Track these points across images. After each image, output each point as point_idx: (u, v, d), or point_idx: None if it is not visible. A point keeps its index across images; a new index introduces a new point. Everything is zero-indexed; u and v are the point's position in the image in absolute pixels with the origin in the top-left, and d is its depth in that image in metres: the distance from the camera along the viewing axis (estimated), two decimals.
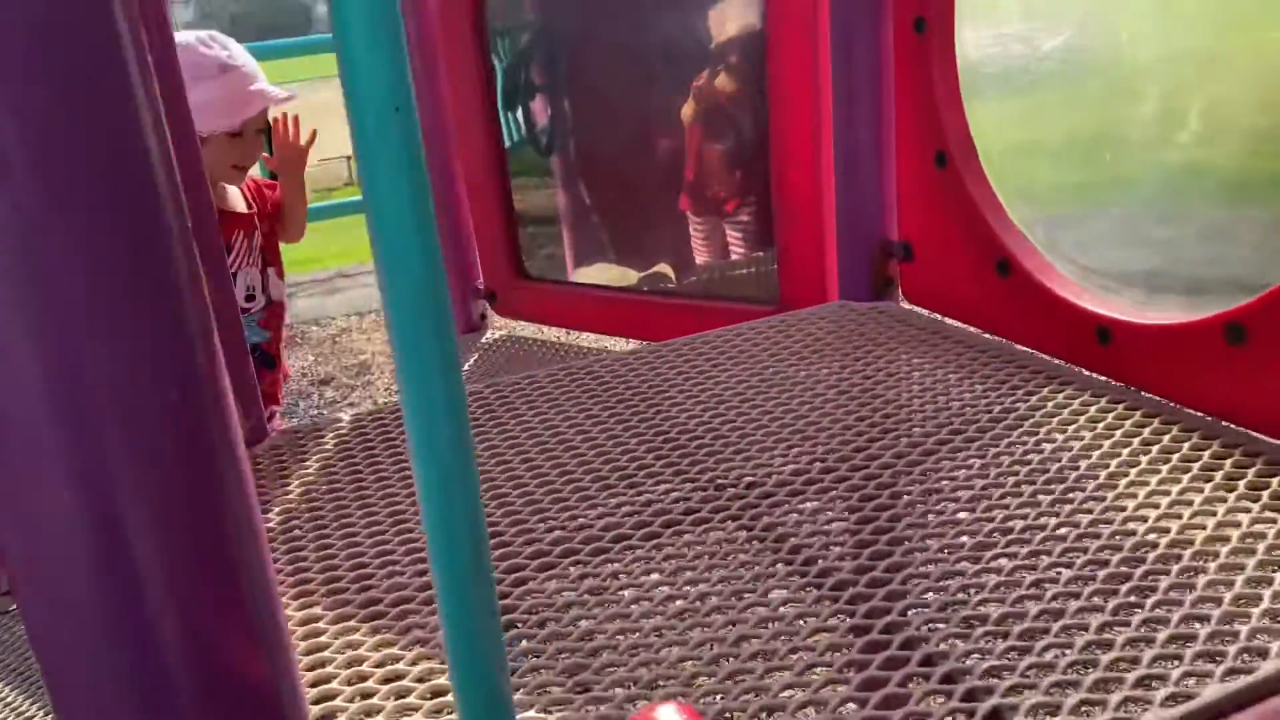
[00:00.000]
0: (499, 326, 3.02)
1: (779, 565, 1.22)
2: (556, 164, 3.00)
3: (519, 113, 2.99)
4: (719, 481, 1.42)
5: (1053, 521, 1.23)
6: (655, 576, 1.20)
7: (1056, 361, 1.66)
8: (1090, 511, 1.24)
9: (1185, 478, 1.30)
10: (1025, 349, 1.73)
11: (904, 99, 1.85)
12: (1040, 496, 1.28)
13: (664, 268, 2.79)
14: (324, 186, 13.52)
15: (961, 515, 1.27)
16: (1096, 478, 1.32)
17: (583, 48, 2.87)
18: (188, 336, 0.61)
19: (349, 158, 13.77)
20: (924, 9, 1.74)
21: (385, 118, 0.50)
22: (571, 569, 1.25)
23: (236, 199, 2.39)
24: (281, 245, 2.56)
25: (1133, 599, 1.07)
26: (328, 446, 1.66)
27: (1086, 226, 1.81)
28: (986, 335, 1.82)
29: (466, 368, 2.76)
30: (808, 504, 1.34)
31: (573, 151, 2.95)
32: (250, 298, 2.36)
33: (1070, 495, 1.28)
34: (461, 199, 2.84)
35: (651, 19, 2.67)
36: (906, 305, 2.05)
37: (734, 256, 2.64)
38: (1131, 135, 1.71)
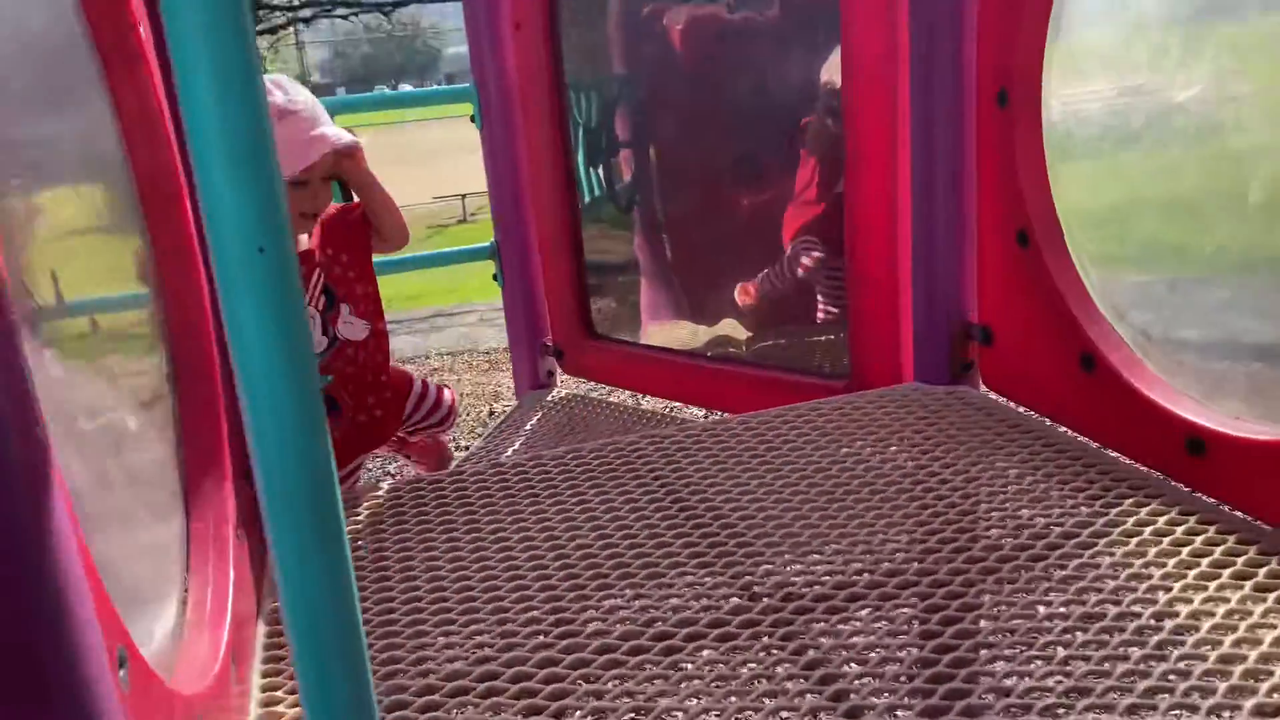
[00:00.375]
0: (566, 384, 2.96)
1: (818, 710, 1.10)
2: (636, 219, 2.94)
3: (600, 169, 2.95)
4: (755, 587, 1.31)
5: (1136, 653, 1.09)
6: (665, 702, 1.10)
7: (1144, 469, 1.50)
8: (1179, 645, 1.09)
9: None
10: (1110, 453, 1.57)
11: (986, 173, 1.72)
12: (1123, 625, 1.13)
13: (733, 326, 2.70)
14: (437, 223, 13.87)
15: (1044, 645, 1.13)
16: (1183, 609, 1.16)
17: (668, 105, 2.81)
18: None
19: (463, 196, 14.10)
20: (1007, 81, 1.62)
21: (248, 260, 0.43)
22: (580, 683, 1.15)
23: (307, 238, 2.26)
24: (380, 290, 2.31)
25: None
26: (360, 520, 1.60)
27: (1190, 296, 1.64)
28: (1069, 434, 1.66)
29: (529, 426, 2.70)
30: (858, 621, 1.22)
31: (653, 207, 2.89)
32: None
33: (1158, 625, 1.13)
34: (533, 255, 2.80)
35: (742, 77, 2.60)
36: (985, 392, 1.90)
37: (821, 307, 2.52)
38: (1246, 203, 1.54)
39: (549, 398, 2.86)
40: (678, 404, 3.09)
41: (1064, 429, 1.68)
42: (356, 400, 2.22)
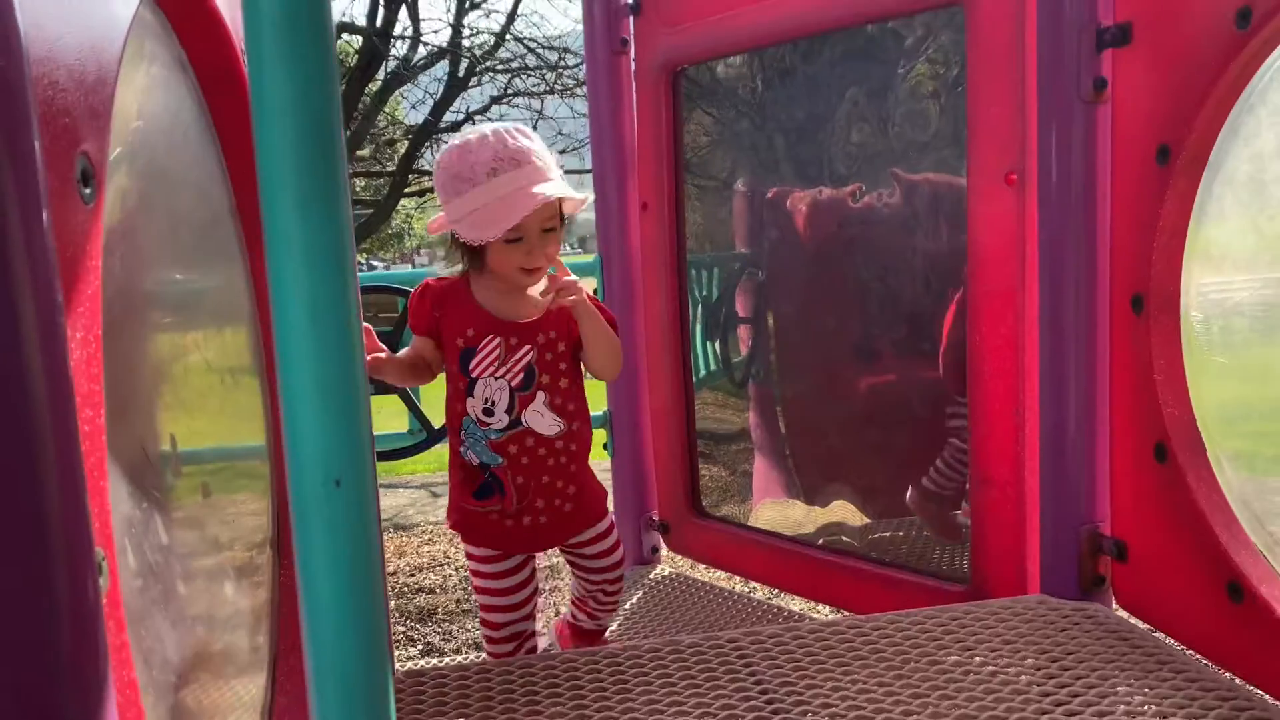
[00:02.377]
0: (671, 562, 2.88)
1: None
2: (752, 393, 2.92)
3: (717, 343, 2.95)
4: None
5: None
6: None
7: None
8: None
9: None
10: (1259, 693, 1.41)
11: (1120, 382, 1.64)
12: None
13: (846, 510, 2.60)
14: None
15: None
16: None
17: (788, 284, 2.82)
18: None
19: None
20: (1144, 288, 1.56)
21: (323, 491, 0.41)
22: None
23: (519, 303, 1.97)
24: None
25: None
26: (448, 700, 1.55)
27: None
28: (1212, 667, 1.51)
29: (630, 604, 2.62)
30: None
31: (769, 383, 2.86)
32: (488, 411, 1.94)
33: None
34: (645, 427, 2.79)
35: (863, 261, 2.60)
36: (1119, 611, 1.75)
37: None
38: None
39: (652, 575, 2.79)
40: (786, 597, 2.96)
41: (1206, 662, 1.53)
42: (522, 495, 1.97)
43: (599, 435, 2.97)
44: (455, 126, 12.30)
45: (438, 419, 3.02)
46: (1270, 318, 1.56)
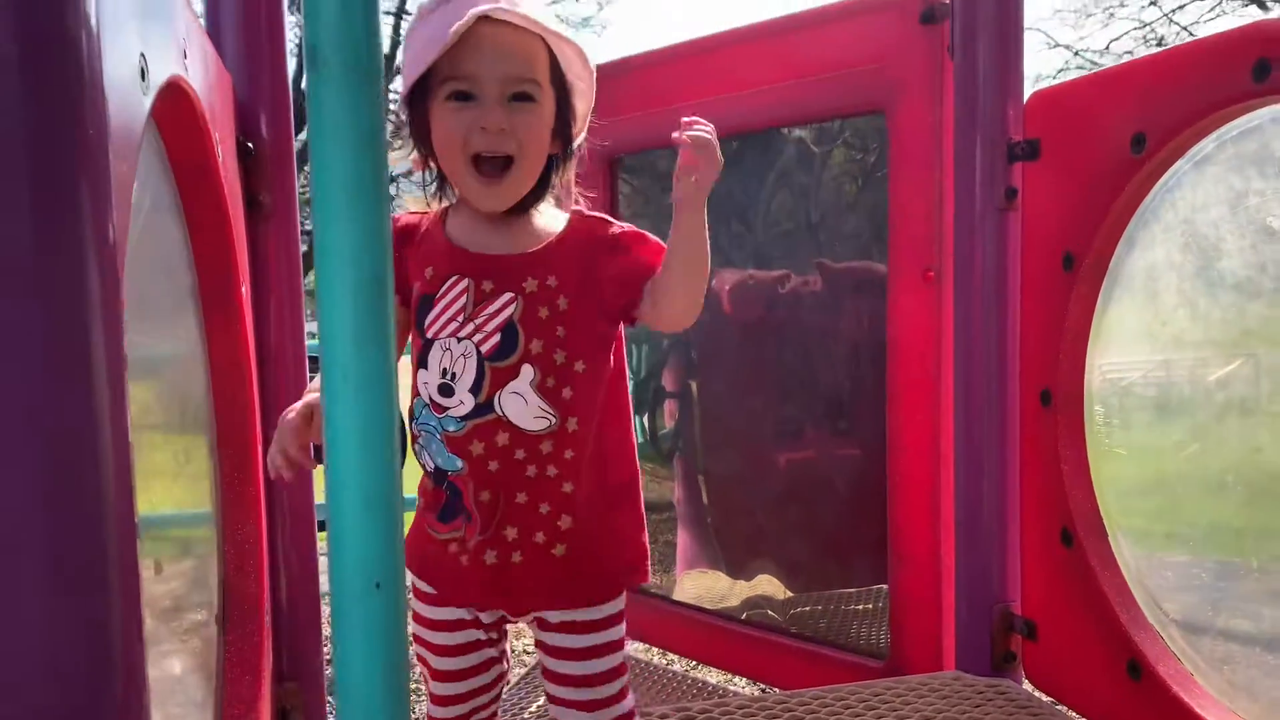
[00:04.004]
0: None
1: None
2: (677, 466, 2.99)
3: (645, 417, 3.03)
4: None
5: None
6: None
7: None
8: None
9: None
10: None
11: (1029, 469, 1.76)
12: None
13: (770, 584, 2.67)
14: None
15: None
16: None
17: (714, 362, 2.92)
18: None
19: None
20: (1051, 383, 1.69)
21: (364, 593, 0.46)
22: None
23: (507, 233, 1.35)
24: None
25: None
26: None
27: (1239, 582, 1.60)
28: None
29: None
30: None
31: (694, 458, 2.94)
32: (445, 390, 1.32)
33: None
34: None
35: (786, 341, 2.71)
36: (1029, 687, 1.85)
37: None
38: None
39: None
40: (707, 670, 3.01)
41: None
42: (488, 517, 1.33)
43: None
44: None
45: None
46: (1160, 399, 1.69)
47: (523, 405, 1.30)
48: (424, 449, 1.34)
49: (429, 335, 1.33)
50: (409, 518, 1.16)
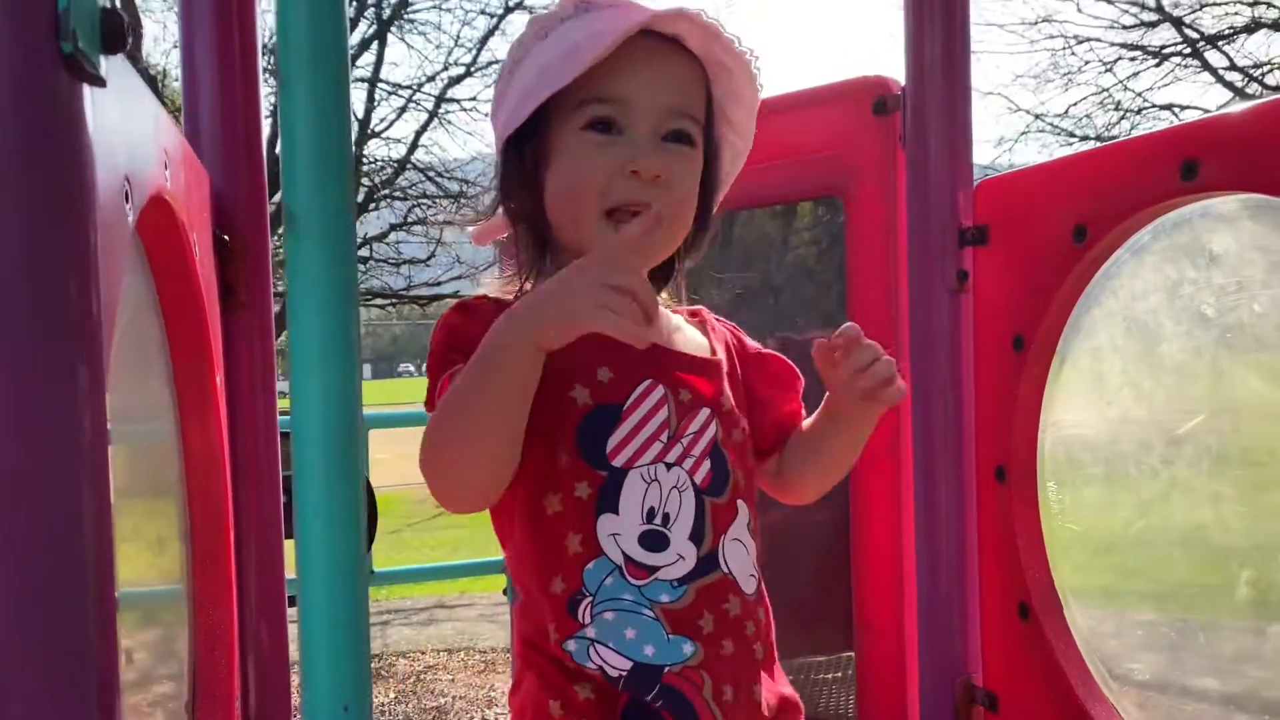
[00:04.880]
0: None
1: None
2: None
3: None
4: None
5: None
6: None
7: None
8: None
9: None
10: None
11: (987, 544, 1.81)
12: None
13: None
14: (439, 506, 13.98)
15: None
16: None
17: None
18: None
19: None
20: (1006, 458, 1.74)
21: (334, 716, 0.50)
22: None
23: (664, 324, 1.08)
24: None
25: None
26: None
27: (1199, 641, 1.63)
28: None
29: None
30: None
31: None
32: (655, 540, 0.97)
33: None
34: None
35: None
36: None
37: None
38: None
39: None
40: None
41: None
42: (734, 694, 0.99)
43: (499, 579, 3.00)
44: None
45: None
46: (1108, 474, 1.75)
47: (744, 557, 0.99)
48: (603, 639, 0.92)
49: (618, 463, 0.95)
50: (375, 592, 1.10)
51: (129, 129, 0.87)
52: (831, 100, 2.10)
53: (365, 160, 12.93)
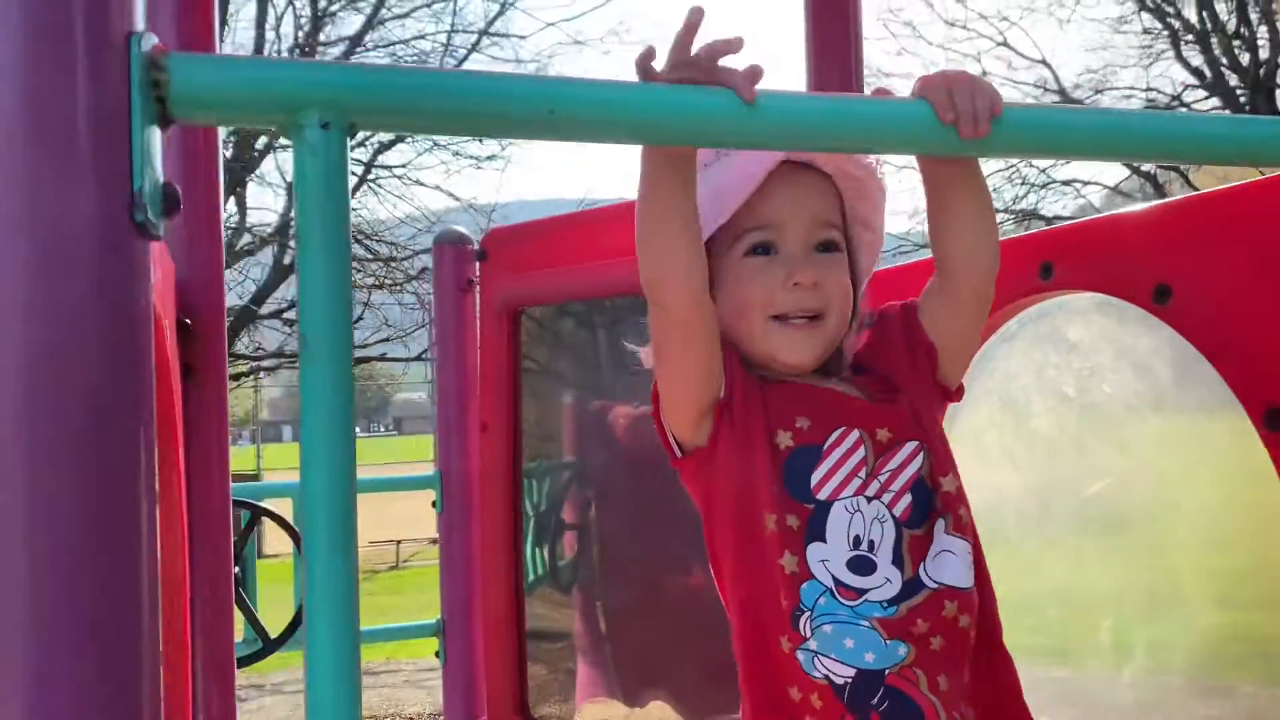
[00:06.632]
0: None
1: None
2: (576, 597, 3.13)
3: (545, 549, 3.18)
4: None
5: None
6: None
7: None
8: None
9: None
10: None
11: None
12: None
13: (661, 710, 2.81)
14: (369, 568, 13.80)
15: None
16: None
17: (610, 494, 3.10)
18: None
19: (398, 542, 14.15)
20: None
21: None
22: None
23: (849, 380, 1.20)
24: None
25: None
26: None
27: (1102, 693, 1.76)
28: None
29: None
30: None
31: (592, 588, 3.09)
32: (864, 565, 1.07)
33: None
34: (476, 631, 2.95)
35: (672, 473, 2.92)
36: None
37: None
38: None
39: None
40: None
41: None
42: (950, 704, 1.06)
43: (428, 644, 3.10)
44: (278, 313, 12.31)
45: (271, 624, 3.07)
46: (988, 539, 1.93)
47: (955, 561, 1.08)
48: (826, 651, 1.02)
49: (822, 496, 1.06)
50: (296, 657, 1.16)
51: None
52: None
53: (292, 222, 12.95)
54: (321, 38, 11.86)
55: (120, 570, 0.63)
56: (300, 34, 11.42)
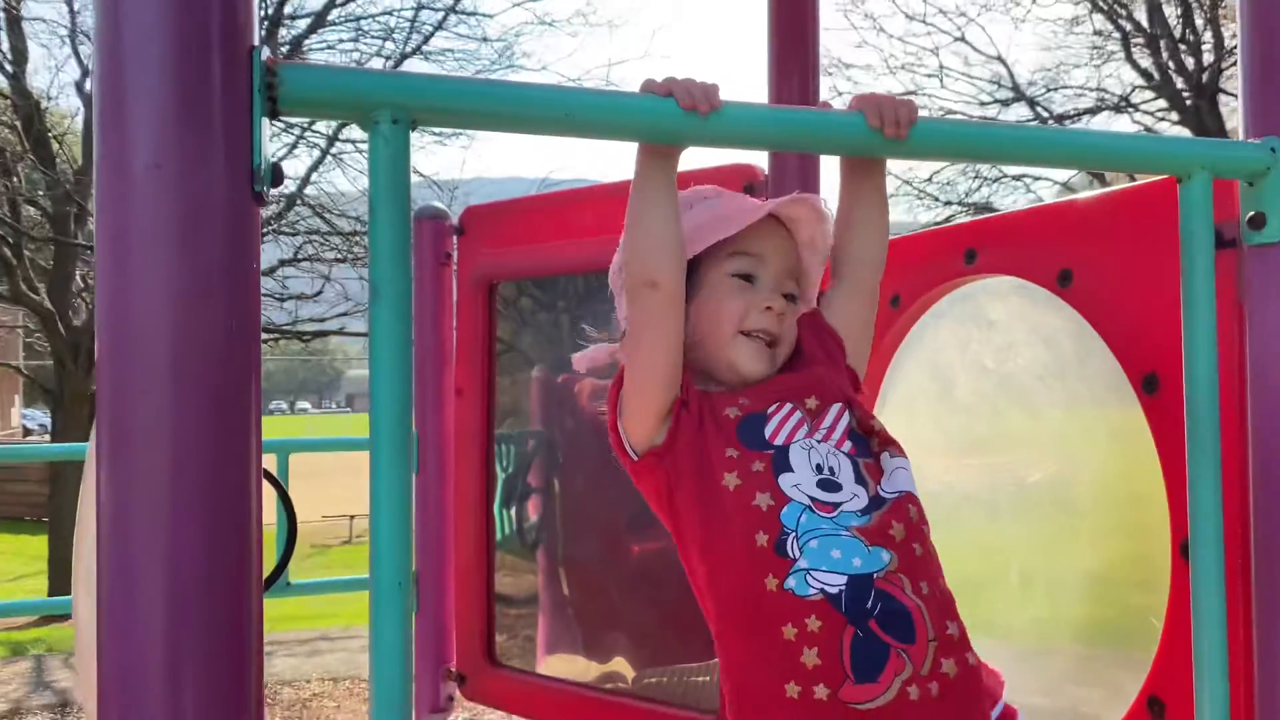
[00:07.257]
0: (466, 709, 3.20)
1: None
2: (540, 557, 3.34)
3: (512, 510, 3.38)
4: None
5: None
6: None
7: None
8: None
9: None
10: None
11: None
12: None
13: (621, 664, 3.03)
14: (322, 542, 13.87)
15: None
16: None
17: (572, 458, 3.31)
18: None
19: (351, 517, 14.23)
20: None
21: None
22: None
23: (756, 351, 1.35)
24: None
25: None
26: None
27: (1033, 666, 1.91)
28: None
29: None
30: None
31: (555, 548, 3.29)
32: (829, 485, 1.20)
33: None
34: (448, 583, 3.15)
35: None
36: None
37: None
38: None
39: None
40: None
41: None
42: (937, 611, 1.17)
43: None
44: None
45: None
46: (941, 475, 2.16)
47: (907, 474, 1.26)
48: (817, 565, 1.11)
49: (778, 443, 1.22)
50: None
51: None
52: (709, 180, 2.51)
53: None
54: (288, 10, 11.83)
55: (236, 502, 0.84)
56: (266, 7, 11.37)
